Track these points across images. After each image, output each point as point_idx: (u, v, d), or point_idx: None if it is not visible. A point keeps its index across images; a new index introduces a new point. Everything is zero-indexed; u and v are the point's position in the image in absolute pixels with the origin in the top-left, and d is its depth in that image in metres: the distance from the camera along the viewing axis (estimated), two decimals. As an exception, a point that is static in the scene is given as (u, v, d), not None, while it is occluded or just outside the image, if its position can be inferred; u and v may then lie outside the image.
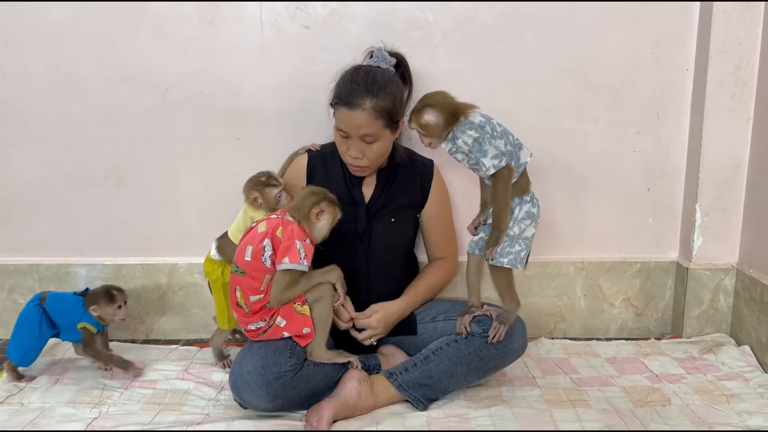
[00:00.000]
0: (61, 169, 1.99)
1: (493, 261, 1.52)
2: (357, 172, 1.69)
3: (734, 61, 1.86)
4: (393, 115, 1.60)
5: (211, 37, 1.90)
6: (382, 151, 1.64)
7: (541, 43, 1.91)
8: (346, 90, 1.58)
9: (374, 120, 1.56)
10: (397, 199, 1.75)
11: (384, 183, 1.74)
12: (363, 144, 1.60)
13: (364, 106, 1.55)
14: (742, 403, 1.58)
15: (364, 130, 1.57)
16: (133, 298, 2.04)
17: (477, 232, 1.63)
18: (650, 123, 1.97)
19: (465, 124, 1.47)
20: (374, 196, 1.73)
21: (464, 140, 1.46)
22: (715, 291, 1.97)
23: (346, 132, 1.59)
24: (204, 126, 1.95)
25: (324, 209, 1.54)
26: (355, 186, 1.73)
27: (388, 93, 1.58)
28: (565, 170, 2.00)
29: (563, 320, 2.08)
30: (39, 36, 1.90)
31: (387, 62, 1.67)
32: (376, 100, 1.55)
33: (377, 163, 1.68)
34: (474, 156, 1.47)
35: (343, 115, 1.58)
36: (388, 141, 1.64)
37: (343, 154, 1.65)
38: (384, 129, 1.59)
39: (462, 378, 1.58)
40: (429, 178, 1.79)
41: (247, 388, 1.44)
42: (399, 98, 1.63)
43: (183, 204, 2.01)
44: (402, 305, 1.69)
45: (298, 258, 1.47)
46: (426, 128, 1.49)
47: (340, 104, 1.58)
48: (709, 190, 1.94)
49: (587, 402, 1.59)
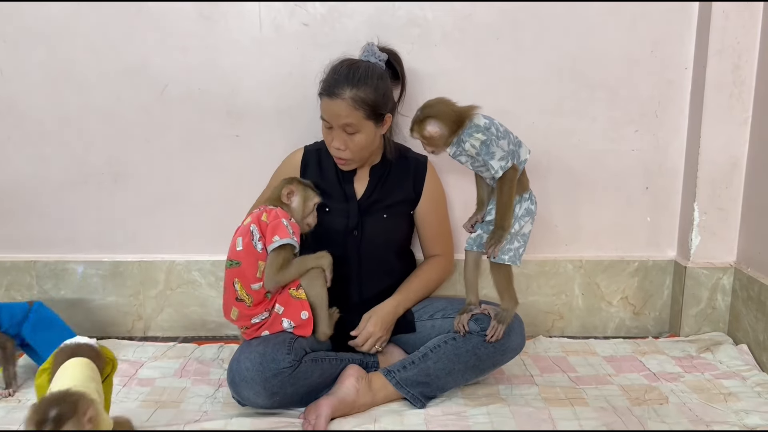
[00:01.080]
0: (59, 165, 1.98)
1: (494, 258, 1.52)
2: (342, 165, 1.69)
3: (733, 60, 1.86)
4: (375, 108, 1.60)
5: (210, 33, 1.89)
6: (364, 144, 1.64)
7: (540, 41, 1.91)
8: (329, 80, 1.61)
9: (354, 110, 1.58)
10: (390, 196, 1.75)
11: (377, 179, 1.74)
12: (345, 135, 1.61)
13: (344, 95, 1.57)
14: (740, 402, 1.58)
15: (343, 120, 1.59)
16: (131, 295, 2.04)
17: (474, 229, 1.62)
18: (649, 122, 1.97)
19: (471, 128, 1.46)
20: (366, 192, 1.74)
21: (472, 144, 1.45)
22: (713, 290, 1.97)
23: (329, 122, 1.62)
24: (202, 123, 1.95)
25: (293, 189, 1.60)
26: (346, 181, 1.73)
27: (370, 85, 1.59)
28: (564, 169, 1.99)
29: (561, 318, 2.08)
30: (36, 31, 1.89)
31: (376, 57, 1.68)
32: (356, 91, 1.57)
33: (361, 157, 1.68)
34: (481, 158, 1.47)
35: (325, 105, 1.61)
36: (372, 134, 1.64)
37: (327, 145, 1.67)
38: (365, 121, 1.60)
39: (460, 376, 1.58)
40: (422, 174, 1.79)
41: (245, 385, 1.43)
42: (383, 92, 1.63)
43: (181, 201, 2.00)
44: (394, 303, 1.68)
45: (287, 233, 1.51)
46: (430, 139, 1.49)
47: (323, 94, 1.61)
48: (707, 189, 1.94)
49: (585, 400, 1.59)
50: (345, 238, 1.71)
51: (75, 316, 2.02)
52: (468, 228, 1.63)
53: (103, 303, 2.04)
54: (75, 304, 2.04)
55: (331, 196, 1.71)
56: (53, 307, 1.77)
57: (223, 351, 1.87)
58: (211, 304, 2.04)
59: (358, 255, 1.72)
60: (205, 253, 2.01)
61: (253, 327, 1.55)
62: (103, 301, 2.04)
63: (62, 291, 2.03)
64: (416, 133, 1.50)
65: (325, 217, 1.69)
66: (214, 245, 1.96)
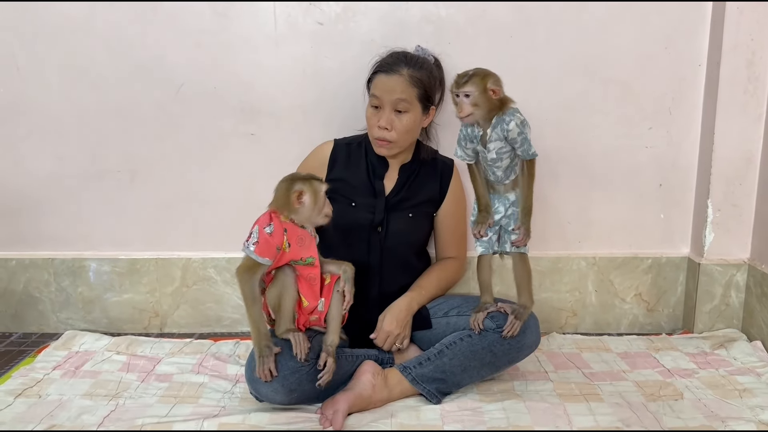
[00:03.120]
0: (75, 163, 2.00)
1: (525, 248, 1.59)
2: (382, 147, 1.70)
3: (747, 56, 1.86)
4: (427, 90, 1.69)
5: (224, 31, 1.91)
6: (410, 126, 1.68)
7: (552, 38, 1.92)
8: (386, 60, 1.69)
9: (409, 86, 1.65)
10: (417, 195, 1.77)
11: (405, 178, 1.76)
12: (394, 115, 1.65)
13: (402, 72, 1.65)
14: (755, 398, 1.59)
15: (398, 95, 1.64)
16: (148, 292, 2.06)
17: (486, 233, 1.61)
18: (662, 118, 1.98)
19: (512, 111, 1.50)
20: (394, 190, 1.75)
21: (516, 122, 1.47)
22: (727, 286, 1.98)
23: (380, 98, 1.66)
24: (217, 120, 1.97)
25: (301, 189, 1.46)
26: (376, 177, 1.75)
27: (425, 69, 1.70)
28: (576, 165, 2.00)
29: (575, 315, 2.08)
30: (52, 30, 1.91)
31: (427, 55, 1.77)
32: (413, 70, 1.66)
33: (404, 141, 1.70)
34: (520, 139, 1.49)
35: (380, 81, 1.66)
36: (418, 119, 1.69)
37: (372, 127, 1.68)
38: (417, 102, 1.67)
39: (475, 372, 1.60)
40: (449, 176, 1.81)
41: (263, 382, 1.45)
42: (435, 80, 1.73)
43: (196, 198, 2.02)
44: (407, 300, 1.70)
45: (246, 241, 1.43)
46: (483, 96, 1.47)
47: (379, 72, 1.68)
48: (721, 185, 1.94)
49: (600, 396, 1.60)
50: (369, 233, 1.72)
51: (92, 312, 2.06)
52: (478, 234, 1.61)
53: (119, 300, 2.07)
54: (92, 300, 2.06)
55: (359, 191, 1.72)
56: (71, 304, 1.78)
57: (239, 347, 1.89)
58: (227, 300, 2.06)
59: (380, 251, 1.73)
60: (220, 250, 2.03)
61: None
62: (119, 298, 2.06)
63: (79, 288, 2.05)
64: (476, 85, 1.46)
65: (351, 212, 1.71)
66: (229, 242, 1.98)
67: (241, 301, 1.47)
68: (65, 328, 2.04)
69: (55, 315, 2.07)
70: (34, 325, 2.08)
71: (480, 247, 1.63)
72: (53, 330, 2.07)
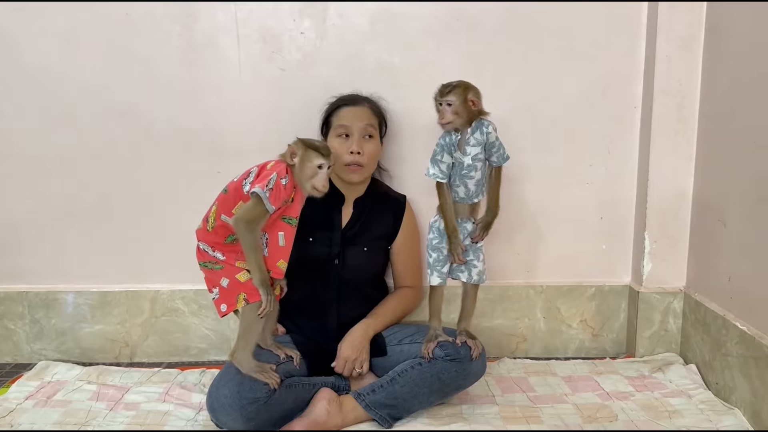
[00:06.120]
0: (53, 201, 2.10)
1: (480, 280, 1.75)
2: (354, 173, 1.82)
3: (677, 100, 2.01)
4: (382, 121, 1.92)
5: (193, 78, 2.03)
6: (375, 152, 1.86)
7: (501, 82, 2.04)
8: (348, 96, 1.90)
9: (372, 115, 1.87)
10: (370, 230, 1.88)
11: (359, 212, 1.88)
12: (363, 141, 1.81)
13: (365, 104, 1.88)
14: (683, 419, 1.70)
15: (365, 121, 1.83)
16: (118, 323, 2.15)
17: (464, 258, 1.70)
18: (601, 156, 2.12)
19: (487, 121, 1.65)
20: (350, 224, 1.87)
21: (492, 129, 1.64)
22: (665, 313, 2.10)
23: (349, 126, 1.81)
24: (187, 161, 2.08)
25: (294, 150, 1.55)
26: (334, 211, 1.86)
27: (378, 104, 1.93)
28: (524, 200, 2.13)
29: (525, 341, 2.20)
30: (34, 75, 2.02)
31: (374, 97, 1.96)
32: (372, 103, 1.90)
33: (371, 165, 1.87)
34: (498, 144, 1.65)
35: (347, 112, 1.84)
36: (379, 146, 1.88)
37: (342, 155, 1.79)
38: (377, 131, 1.87)
39: (425, 398, 1.69)
40: (401, 211, 1.94)
41: (223, 411, 1.54)
42: (385, 115, 1.95)
43: (166, 233, 2.11)
44: (363, 326, 1.80)
45: (264, 185, 1.48)
46: (463, 106, 1.61)
47: (343, 106, 1.86)
48: (657, 218, 2.07)
49: (540, 418, 1.71)
50: (327, 265, 1.84)
51: (65, 343, 2.14)
52: (459, 259, 1.69)
53: (91, 331, 2.15)
54: (65, 332, 2.14)
55: (317, 225, 1.83)
56: (44, 335, 1.85)
57: (204, 376, 1.97)
58: (194, 331, 2.16)
59: (338, 283, 1.84)
60: (187, 282, 2.11)
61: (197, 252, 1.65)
62: (91, 329, 2.15)
63: (53, 320, 2.14)
64: (458, 95, 1.60)
65: (309, 246, 1.81)
66: (196, 275, 2.02)
67: (208, 331, 1.54)
68: (39, 358, 2.12)
69: (29, 346, 2.15)
70: (9, 355, 2.15)
71: (439, 278, 1.72)
72: (27, 360, 2.14)
